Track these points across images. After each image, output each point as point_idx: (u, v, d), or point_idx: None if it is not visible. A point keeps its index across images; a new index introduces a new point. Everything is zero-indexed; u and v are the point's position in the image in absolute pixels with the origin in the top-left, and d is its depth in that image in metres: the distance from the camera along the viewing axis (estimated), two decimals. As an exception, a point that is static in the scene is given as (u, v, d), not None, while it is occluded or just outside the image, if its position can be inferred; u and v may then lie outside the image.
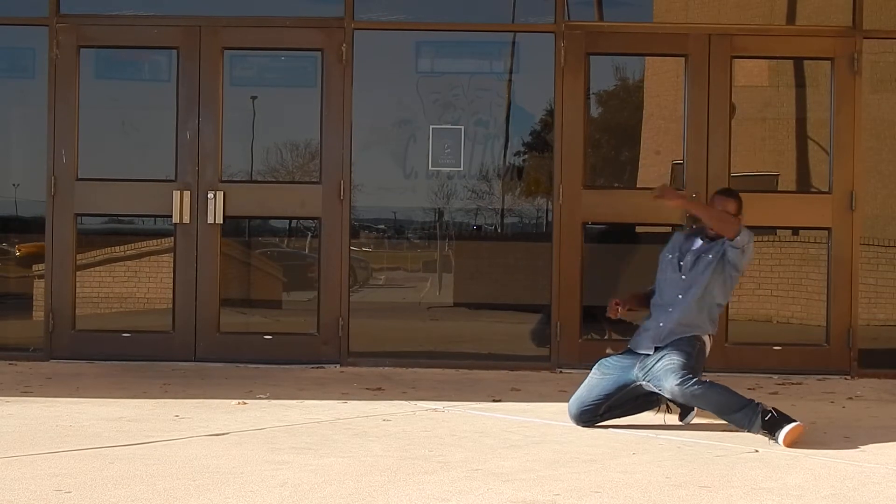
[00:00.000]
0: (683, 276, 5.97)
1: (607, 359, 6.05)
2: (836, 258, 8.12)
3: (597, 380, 5.96)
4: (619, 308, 6.08)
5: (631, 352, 6.00)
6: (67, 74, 8.19)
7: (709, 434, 5.77)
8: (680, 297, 5.94)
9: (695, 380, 5.65)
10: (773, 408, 5.59)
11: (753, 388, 7.42)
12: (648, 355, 5.88)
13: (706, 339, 5.98)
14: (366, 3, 8.26)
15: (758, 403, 5.61)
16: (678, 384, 5.63)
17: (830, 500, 4.41)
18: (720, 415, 5.71)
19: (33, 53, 8.42)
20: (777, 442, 5.47)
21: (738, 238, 5.90)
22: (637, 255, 8.88)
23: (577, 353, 8.13)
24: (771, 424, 5.53)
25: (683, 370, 5.67)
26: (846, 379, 7.97)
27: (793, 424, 5.49)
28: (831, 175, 8.15)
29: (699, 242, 6.04)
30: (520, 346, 8.44)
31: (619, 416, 5.97)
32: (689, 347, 5.84)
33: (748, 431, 5.60)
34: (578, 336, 8.16)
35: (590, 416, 5.92)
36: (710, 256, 5.95)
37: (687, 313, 5.92)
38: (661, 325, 5.92)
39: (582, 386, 6.00)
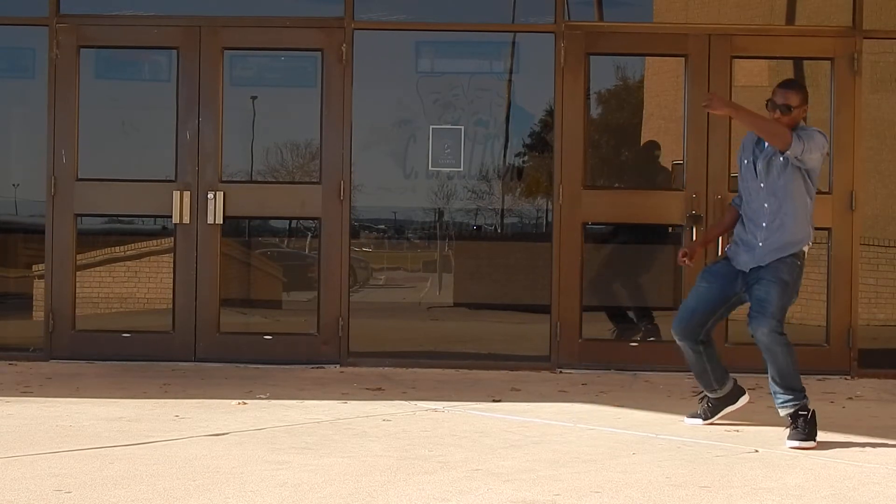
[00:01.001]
0: (762, 184, 5.71)
1: (711, 266, 5.99)
2: (836, 258, 8.12)
3: (704, 289, 5.87)
4: (687, 260, 5.99)
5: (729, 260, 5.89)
6: (67, 74, 8.19)
7: (709, 434, 5.77)
8: (766, 206, 5.71)
9: (783, 337, 5.60)
10: (812, 411, 5.56)
11: (753, 388, 7.40)
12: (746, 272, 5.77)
13: (806, 249, 5.78)
14: (366, 3, 8.26)
15: (806, 396, 5.61)
16: (767, 333, 5.59)
17: (830, 500, 4.41)
18: (774, 377, 5.62)
19: (33, 53, 8.42)
20: (786, 438, 5.48)
21: (791, 149, 5.54)
22: (637, 255, 8.88)
23: (577, 353, 8.14)
24: (796, 420, 5.52)
25: (777, 319, 5.61)
26: (846, 379, 7.97)
27: (808, 443, 5.47)
28: (831, 175, 8.15)
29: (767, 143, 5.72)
30: (520, 346, 8.44)
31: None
32: (788, 276, 5.66)
33: (777, 407, 5.61)
34: (578, 336, 8.16)
35: (697, 328, 5.86)
36: (781, 159, 5.65)
37: (780, 228, 5.68)
38: (759, 243, 5.72)
39: (689, 297, 5.94)
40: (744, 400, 6.09)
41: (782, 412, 5.59)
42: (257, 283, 9.13)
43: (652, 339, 8.45)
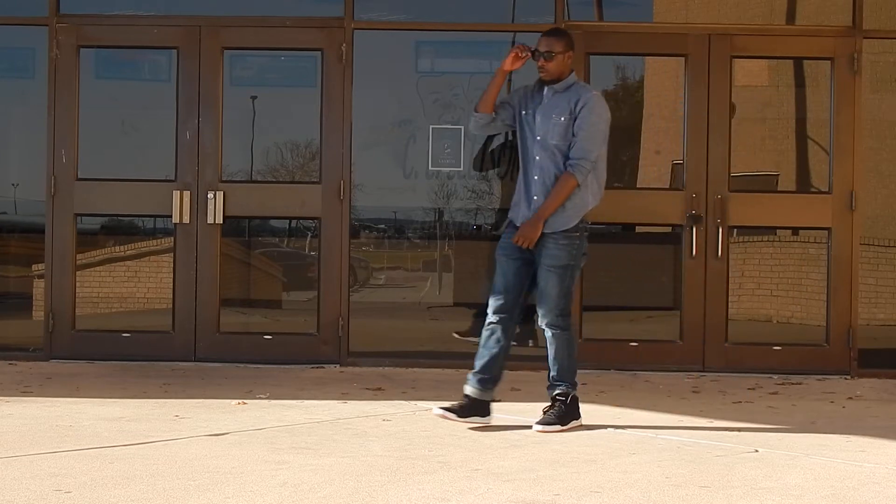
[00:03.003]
0: (538, 137, 5.79)
1: (503, 242, 5.89)
2: (836, 258, 8.12)
3: (506, 264, 5.84)
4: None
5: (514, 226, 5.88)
6: (67, 74, 8.19)
7: (709, 434, 5.78)
8: (538, 159, 5.80)
9: (564, 332, 5.78)
10: (574, 396, 5.83)
11: (753, 388, 7.43)
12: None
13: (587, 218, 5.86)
14: (366, 3, 8.26)
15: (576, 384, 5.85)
16: (548, 324, 5.76)
17: (830, 500, 4.41)
18: (555, 361, 5.82)
19: (33, 53, 8.42)
20: (537, 422, 5.73)
21: (585, 175, 5.73)
22: (637, 255, 8.88)
23: (577, 354, 8.11)
24: (554, 403, 5.80)
25: (559, 310, 5.76)
26: (846, 379, 7.97)
27: (554, 426, 5.68)
28: (831, 175, 8.15)
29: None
30: (520, 345, 8.42)
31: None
32: (566, 259, 5.75)
33: (551, 389, 5.82)
34: (578, 336, 8.12)
35: (514, 304, 5.84)
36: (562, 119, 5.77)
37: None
38: (535, 196, 5.78)
39: (497, 275, 5.87)
40: (488, 420, 5.86)
41: (550, 392, 5.85)
42: (257, 282, 9.13)
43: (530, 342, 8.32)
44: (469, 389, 5.82)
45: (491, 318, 5.86)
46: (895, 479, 4.82)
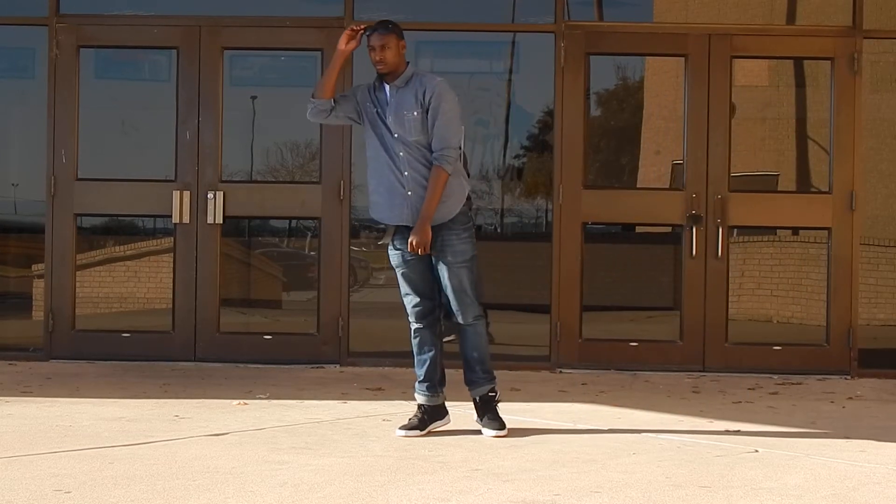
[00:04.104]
0: (396, 135, 5.63)
1: (393, 256, 5.72)
2: (836, 258, 8.12)
3: (408, 272, 5.69)
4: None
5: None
6: (67, 74, 8.19)
7: (709, 434, 5.77)
8: (402, 155, 5.62)
9: (482, 321, 5.71)
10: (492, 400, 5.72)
11: (753, 388, 7.43)
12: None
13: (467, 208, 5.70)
14: (366, 3, 8.25)
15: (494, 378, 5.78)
16: (473, 318, 5.67)
17: (830, 500, 4.41)
18: (480, 356, 5.72)
19: (33, 53, 8.42)
20: (484, 426, 5.64)
21: (453, 166, 5.55)
22: (637, 256, 8.88)
23: (577, 353, 8.14)
24: (491, 406, 5.68)
25: (477, 298, 5.66)
26: (846, 379, 7.97)
27: (504, 431, 5.59)
28: (831, 175, 8.15)
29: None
30: (520, 346, 8.43)
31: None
32: (466, 252, 5.62)
33: (479, 387, 5.72)
34: (578, 336, 8.16)
35: (433, 309, 5.75)
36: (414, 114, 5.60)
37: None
38: (408, 192, 5.58)
39: (403, 286, 5.72)
40: (447, 421, 5.83)
41: (473, 394, 5.72)
42: (257, 282, 9.13)
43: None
44: (421, 399, 5.78)
45: (415, 325, 5.77)
46: (895, 479, 4.82)
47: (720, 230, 8.07)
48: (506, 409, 6.22)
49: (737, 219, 8.16)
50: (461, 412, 6.23)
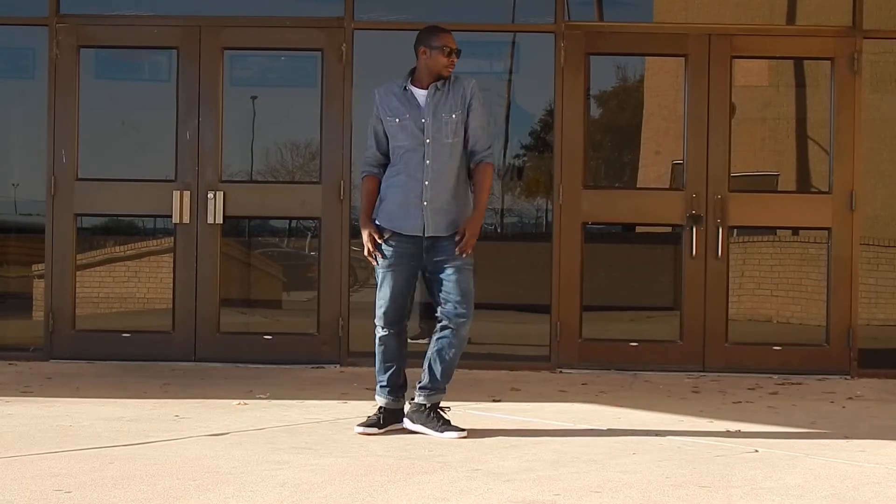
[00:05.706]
0: (428, 140, 5.62)
1: (389, 255, 5.64)
2: (836, 258, 8.13)
3: (398, 275, 5.63)
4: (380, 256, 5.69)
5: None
6: (67, 74, 8.20)
7: (709, 434, 5.77)
8: (428, 163, 5.60)
9: (468, 331, 5.68)
10: (444, 409, 5.69)
11: (753, 388, 7.43)
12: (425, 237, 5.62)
13: None
14: (366, 3, 8.26)
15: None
16: (468, 321, 5.65)
17: (830, 500, 4.41)
18: (448, 363, 5.67)
19: (33, 53, 8.43)
20: (441, 432, 5.57)
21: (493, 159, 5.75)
22: (637, 256, 8.88)
23: (577, 353, 8.14)
24: (437, 413, 5.65)
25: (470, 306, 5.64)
26: (846, 379, 7.97)
27: (463, 433, 5.55)
28: (831, 175, 8.15)
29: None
30: (520, 346, 8.44)
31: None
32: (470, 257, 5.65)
33: (428, 395, 5.68)
34: (578, 336, 8.16)
35: (402, 315, 5.73)
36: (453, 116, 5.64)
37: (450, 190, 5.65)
38: (424, 203, 5.56)
39: (385, 288, 5.65)
40: (402, 423, 5.76)
41: (428, 400, 5.66)
42: (257, 282, 9.14)
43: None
44: (383, 401, 5.74)
45: (382, 332, 5.71)
46: (895, 479, 4.82)
47: (720, 230, 8.07)
48: (506, 409, 6.23)
49: (737, 219, 8.16)
50: (461, 412, 6.24)
